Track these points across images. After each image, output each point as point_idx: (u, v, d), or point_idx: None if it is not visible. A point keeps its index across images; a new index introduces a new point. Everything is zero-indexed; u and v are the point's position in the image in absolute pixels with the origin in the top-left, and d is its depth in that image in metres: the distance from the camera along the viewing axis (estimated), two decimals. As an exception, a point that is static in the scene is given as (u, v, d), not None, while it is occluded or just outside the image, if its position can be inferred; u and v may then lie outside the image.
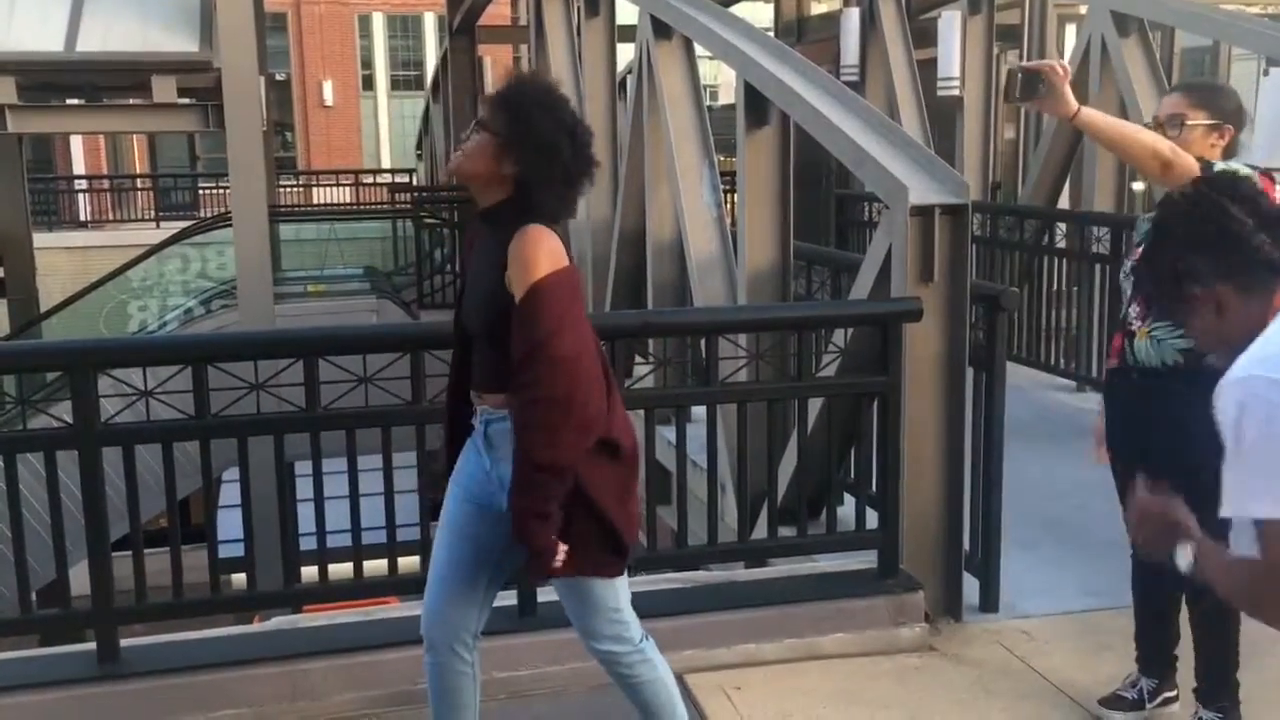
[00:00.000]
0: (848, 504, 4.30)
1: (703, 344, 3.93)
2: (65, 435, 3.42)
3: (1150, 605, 3.51)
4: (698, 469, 4.16)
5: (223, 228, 14.34)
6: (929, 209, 3.94)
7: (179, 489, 3.63)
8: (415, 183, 20.96)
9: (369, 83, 31.57)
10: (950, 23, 9.63)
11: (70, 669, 3.50)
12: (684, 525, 4.09)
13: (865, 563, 4.10)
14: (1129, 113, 7.50)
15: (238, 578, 3.92)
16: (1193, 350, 3.16)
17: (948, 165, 4.22)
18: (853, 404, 4.14)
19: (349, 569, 3.70)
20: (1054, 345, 7.83)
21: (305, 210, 20.65)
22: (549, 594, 3.22)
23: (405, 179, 22.94)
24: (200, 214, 21.59)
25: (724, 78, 28.08)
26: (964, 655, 3.95)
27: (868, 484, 4.17)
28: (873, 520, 4.08)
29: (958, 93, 9.73)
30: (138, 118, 12.42)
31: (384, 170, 28.19)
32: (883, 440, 4.01)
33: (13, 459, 3.47)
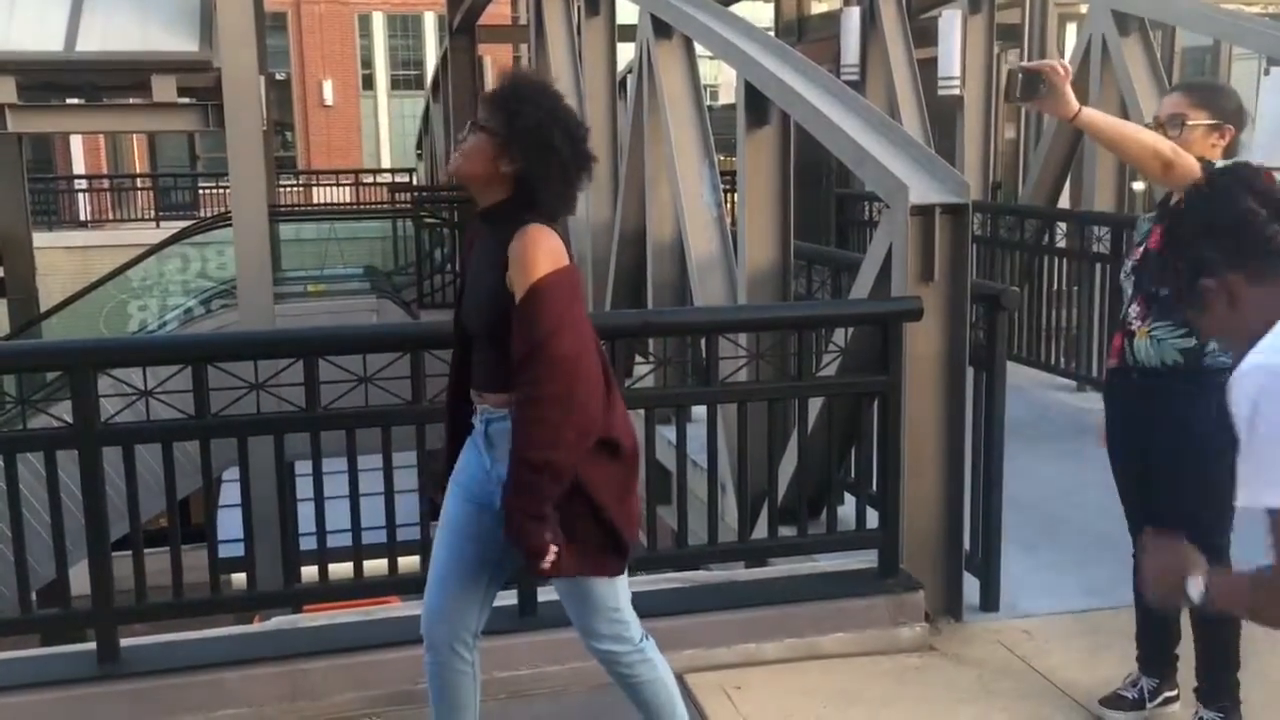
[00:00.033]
0: (848, 503, 4.30)
1: (703, 344, 3.93)
2: (65, 435, 3.42)
3: (1151, 605, 3.50)
4: (698, 469, 4.16)
5: (223, 227, 14.34)
6: (929, 208, 3.94)
7: (179, 489, 3.63)
8: (415, 182, 20.95)
9: (369, 82, 31.56)
10: (951, 22, 9.62)
11: (70, 669, 3.50)
12: (684, 525, 4.09)
13: (865, 562, 4.10)
14: (1129, 112, 7.50)
15: (238, 577, 3.92)
16: (1192, 350, 3.16)
17: (948, 165, 4.21)
18: (853, 403, 4.14)
19: (349, 569, 3.70)
20: (1054, 345, 7.82)
21: (305, 210, 20.68)
22: (549, 593, 3.22)
23: (405, 179, 22.93)
24: (200, 214, 21.58)
25: (724, 77, 28.08)
26: (964, 655, 3.95)
27: (868, 483, 4.17)
28: (873, 520, 4.08)
29: (958, 92, 9.72)
30: (138, 117, 12.43)
31: (384, 170, 28.18)
32: (883, 440, 4.01)
33: (13, 459, 3.47)
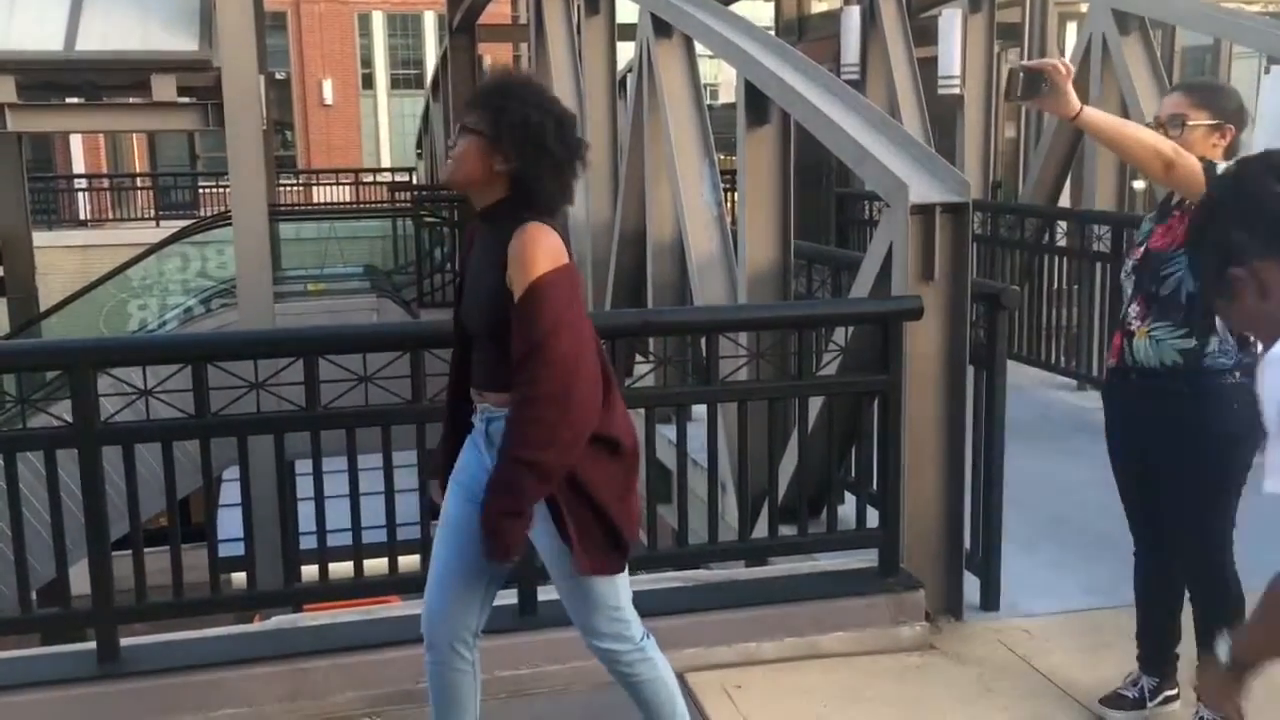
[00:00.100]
0: (848, 503, 4.30)
1: (703, 343, 3.93)
2: (65, 434, 3.42)
3: (1151, 604, 3.51)
4: (698, 468, 4.16)
5: (223, 227, 14.33)
6: (930, 207, 3.94)
7: (179, 488, 3.62)
8: (415, 181, 20.94)
9: (369, 81, 31.55)
10: (951, 21, 9.62)
11: (70, 668, 3.49)
12: (685, 524, 4.09)
13: (866, 561, 4.10)
14: (1130, 111, 7.49)
15: (238, 577, 3.92)
16: (1192, 350, 3.16)
17: (948, 164, 4.21)
18: (853, 403, 4.14)
19: (349, 568, 3.70)
20: (1055, 344, 7.82)
21: (305, 209, 20.68)
22: (550, 592, 3.22)
23: (405, 178, 22.92)
24: (200, 213, 21.57)
25: (724, 76, 28.06)
26: (965, 654, 3.94)
27: (868, 483, 4.17)
28: (873, 519, 4.08)
29: (958, 91, 9.72)
30: (137, 117, 12.44)
31: (384, 169, 28.17)
32: (883, 439, 4.00)
33: (13, 458, 3.47)
